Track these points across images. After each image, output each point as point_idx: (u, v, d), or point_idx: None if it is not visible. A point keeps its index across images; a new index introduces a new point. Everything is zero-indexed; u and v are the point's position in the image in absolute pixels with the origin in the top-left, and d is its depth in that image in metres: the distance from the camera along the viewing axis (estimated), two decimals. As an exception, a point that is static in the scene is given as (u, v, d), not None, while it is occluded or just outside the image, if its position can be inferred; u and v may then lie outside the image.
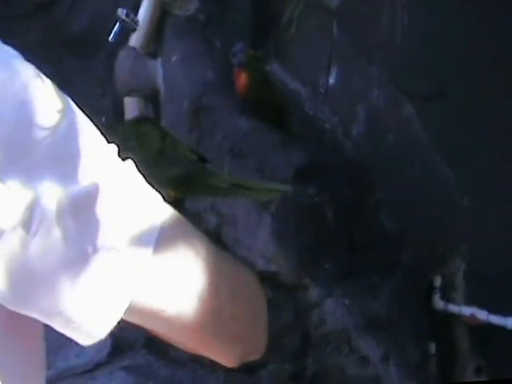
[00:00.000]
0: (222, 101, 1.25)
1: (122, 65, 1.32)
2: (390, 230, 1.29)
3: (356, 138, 1.32)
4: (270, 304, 1.19)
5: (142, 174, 0.73)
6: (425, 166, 1.32)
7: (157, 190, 0.75)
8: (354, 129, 1.32)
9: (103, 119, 1.35)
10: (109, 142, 0.69)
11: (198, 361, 1.24)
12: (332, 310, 1.24)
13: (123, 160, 0.70)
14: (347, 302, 1.24)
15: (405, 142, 1.33)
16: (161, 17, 1.31)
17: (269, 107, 1.24)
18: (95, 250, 0.65)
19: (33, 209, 0.61)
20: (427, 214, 1.31)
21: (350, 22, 1.33)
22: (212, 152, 1.24)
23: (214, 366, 1.14)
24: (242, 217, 1.23)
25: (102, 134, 0.69)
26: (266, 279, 1.22)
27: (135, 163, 0.73)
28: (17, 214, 0.61)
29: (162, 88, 1.30)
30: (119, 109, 1.36)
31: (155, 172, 1.02)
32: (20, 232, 0.61)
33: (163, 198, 0.76)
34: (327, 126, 1.31)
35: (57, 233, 0.63)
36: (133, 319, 0.73)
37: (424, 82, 1.33)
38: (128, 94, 1.31)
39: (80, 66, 1.41)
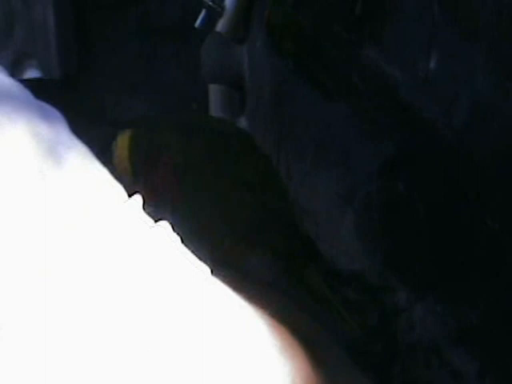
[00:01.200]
0: (304, 89, 1.17)
1: (208, 52, 1.27)
2: (493, 229, 1.16)
3: (458, 128, 1.19)
4: (352, 307, 1.11)
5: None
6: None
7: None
8: (456, 118, 1.19)
9: (194, 106, 1.32)
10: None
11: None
12: (421, 317, 1.13)
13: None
14: (439, 309, 1.13)
15: (513, 133, 1.19)
16: (248, 1, 1.25)
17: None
18: None
19: None
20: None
21: (452, 2, 1.21)
22: (293, 144, 1.16)
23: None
24: (323, 211, 1.15)
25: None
26: (350, 279, 1.13)
27: None
28: None
29: (246, 75, 1.24)
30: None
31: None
32: None
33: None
34: (425, 114, 1.20)
35: None
36: None
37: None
38: (213, 82, 1.26)
39: (173, 53, 1.38)
